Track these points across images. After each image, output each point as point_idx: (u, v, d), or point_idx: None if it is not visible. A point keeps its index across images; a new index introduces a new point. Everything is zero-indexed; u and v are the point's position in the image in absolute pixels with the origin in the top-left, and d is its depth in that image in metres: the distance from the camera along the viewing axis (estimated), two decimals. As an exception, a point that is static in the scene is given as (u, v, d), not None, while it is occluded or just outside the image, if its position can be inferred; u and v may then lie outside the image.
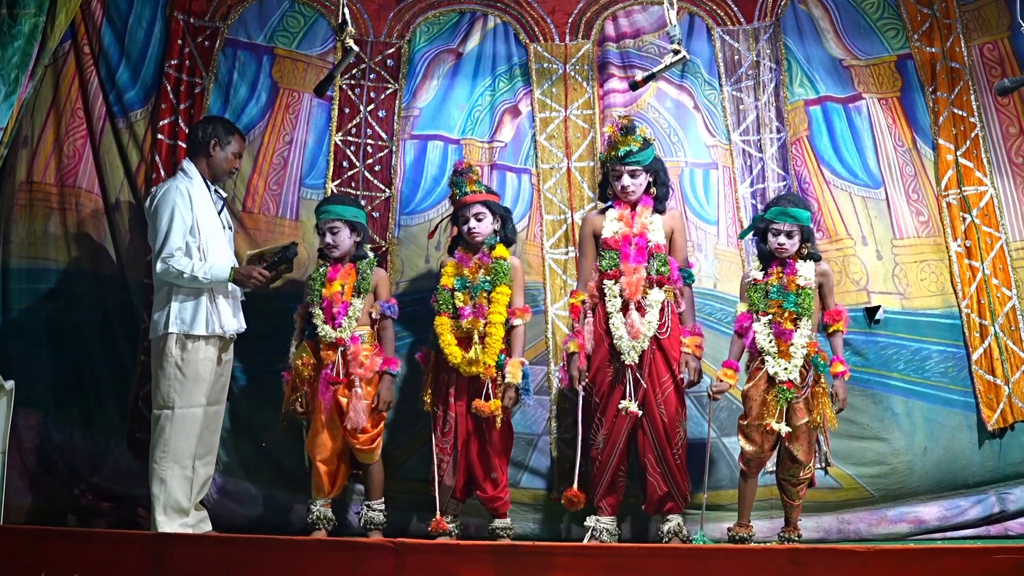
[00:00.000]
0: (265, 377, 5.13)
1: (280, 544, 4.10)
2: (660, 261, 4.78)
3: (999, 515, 5.18)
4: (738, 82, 5.61)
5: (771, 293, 4.69)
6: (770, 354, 4.63)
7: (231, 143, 4.89)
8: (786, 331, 4.63)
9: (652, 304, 4.73)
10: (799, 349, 4.61)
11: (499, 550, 4.24)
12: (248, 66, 5.51)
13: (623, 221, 4.83)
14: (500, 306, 4.80)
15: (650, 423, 4.74)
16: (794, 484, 4.68)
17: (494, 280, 4.83)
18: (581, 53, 5.64)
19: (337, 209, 4.87)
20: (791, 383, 4.59)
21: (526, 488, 5.15)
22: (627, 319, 4.72)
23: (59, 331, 5.29)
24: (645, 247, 4.77)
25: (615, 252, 4.80)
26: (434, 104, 5.58)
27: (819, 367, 4.65)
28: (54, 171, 5.37)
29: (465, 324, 4.80)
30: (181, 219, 4.67)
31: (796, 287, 4.67)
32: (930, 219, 5.41)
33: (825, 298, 4.78)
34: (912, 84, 5.55)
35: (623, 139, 4.81)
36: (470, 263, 4.89)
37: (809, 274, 4.70)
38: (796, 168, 5.46)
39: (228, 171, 4.93)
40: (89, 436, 5.28)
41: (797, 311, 4.64)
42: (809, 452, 4.64)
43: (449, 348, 4.78)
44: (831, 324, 4.76)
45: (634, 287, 4.73)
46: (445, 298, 4.87)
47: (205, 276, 4.63)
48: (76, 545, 4.05)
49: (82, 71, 5.40)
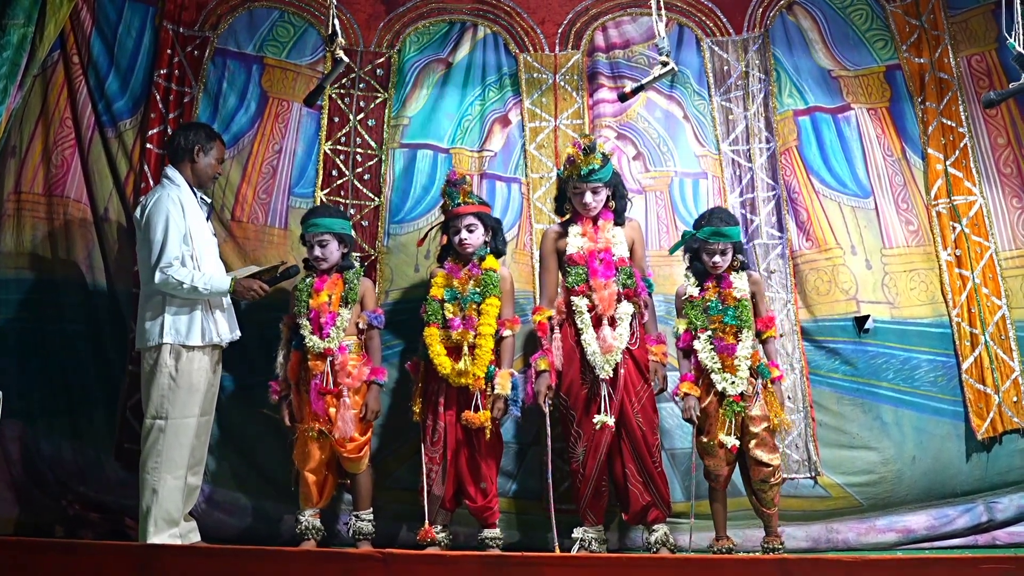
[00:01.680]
0: (252, 387, 5.16)
1: (268, 555, 4.10)
2: (626, 274, 4.83)
3: (987, 524, 5.21)
4: (727, 92, 5.66)
5: (710, 309, 4.75)
6: (715, 371, 4.68)
7: (213, 148, 4.92)
8: (729, 345, 4.69)
9: (623, 317, 4.78)
10: (743, 361, 4.67)
11: (488, 560, 4.24)
12: (237, 75, 5.56)
13: (587, 236, 4.87)
14: (490, 317, 4.85)
15: (628, 434, 4.78)
16: (766, 490, 4.71)
17: (484, 292, 4.89)
18: (571, 63, 5.69)
19: (326, 222, 4.92)
20: (740, 396, 4.66)
21: (516, 498, 5.19)
22: (599, 334, 4.76)
23: (47, 341, 5.29)
24: (611, 262, 4.82)
25: (582, 268, 4.83)
26: (424, 113, 5.63)
27: (764, 374, 4.72)
28: (42, 181, 5.39)
29: (455, 335, 4.85)
30: (176, 228, 4.68)
31: (734, 300, 4.74)
32: (919, 228, 5.45)
33: (757, 305, 4.84)
34: (901, 94, 5.61)
35: (585, 158, 4.82)
36: (460, 274, 4.93)
37: (744, 286, 4.77)
38: (785, 178, 5.51)
39: (212, 176, 4.96)
40: (77, 447, 5.28)
41: (738, 324, 4.71)
42: (774, 451, 4.70)
43: (439, 359, 4.82)
44: (764, 331, 4.81)
45: (607, 302, 4.77)
46: (435, 309, 4.91)
47: (205, 287, 4.66)
48: (64, 556, 4.02)
49: (71, 81, 5.42)
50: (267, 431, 5.14)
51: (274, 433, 5.09)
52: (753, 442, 4.67)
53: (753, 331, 4.76)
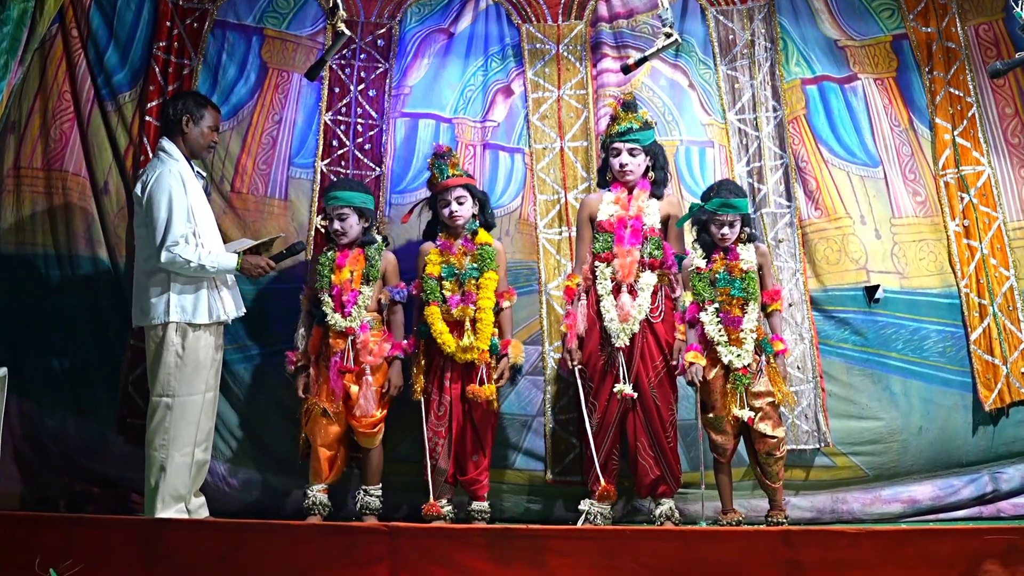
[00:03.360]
0: (261, 360, 5.26)
1: (274, 529, 4.14)
2: (654, 244, 4.87)
3: (992, 494, 5.29)
4: (733, 61, 5.69)
5: (718, 281, 4.81)
6: (721, 343, 4.75)
7: (204, 117, 4.87)
8: (735, 318, 4.75)
9: (644, 287, 4.82)
10: (749, 334, 4.74)
11: (493, 533, 4.26)
12: (237, 47, 5.59)
13: (619, 204, 4.91)
14: (489, 291, 4.93)
15: (643, 407, 4.84)
16: (771, 463, 4.80)
17: (481, 266, 4.95)
18: (574, 33, 5.72)
19: (346, 195, 4.95)
20: (746, 368, 4.73)
21: (521, 469, 5.26)
22: (618, 301, 4.82)
23: (48, 317, 5.34)
24: (640, 229, 4.85)
25: (609, 235, 4.89)
26: (425, 83, 5.66)
27: (767, 349, 4.78)
28: (41, 155, 5.42)
29: (456, 312, 4.92)
30: (180, 205, 4.68)
31: (741, 272, 4.80)
32: (927, 199, 5.50)
33: (764, 278, 4.89)
34: (908, 64, 5.63)
35: (624, 115, 4.91)
36: (454, 249, 4.99)
37: (751, 258, 4.82)
38: (793, 146, 5.54)
39: (206, 146, 4.91)
40: (81, 422, 5.34)
41: (744, 297, 4.77)
42: (779, 425, 4.78)
43: (442, 337, 4.89)
44: (770, 304, 4.87)
45: (627, 269, 4.82)
46: (432, 287, 4.96)
47: (212, 266, 4.67)
48: (71, 531, 4.06)
49: (70, 54, 5.45)
50: (276, 405, 5.22)
51: (282, 407, 5.17)
52: (757, 416, 4.74)
53: (759, 304, 4.82)
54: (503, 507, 5.26)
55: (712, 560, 3.90)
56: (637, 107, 4.98)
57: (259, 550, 3.97)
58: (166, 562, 3.94)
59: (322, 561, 3.94)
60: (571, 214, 5.42)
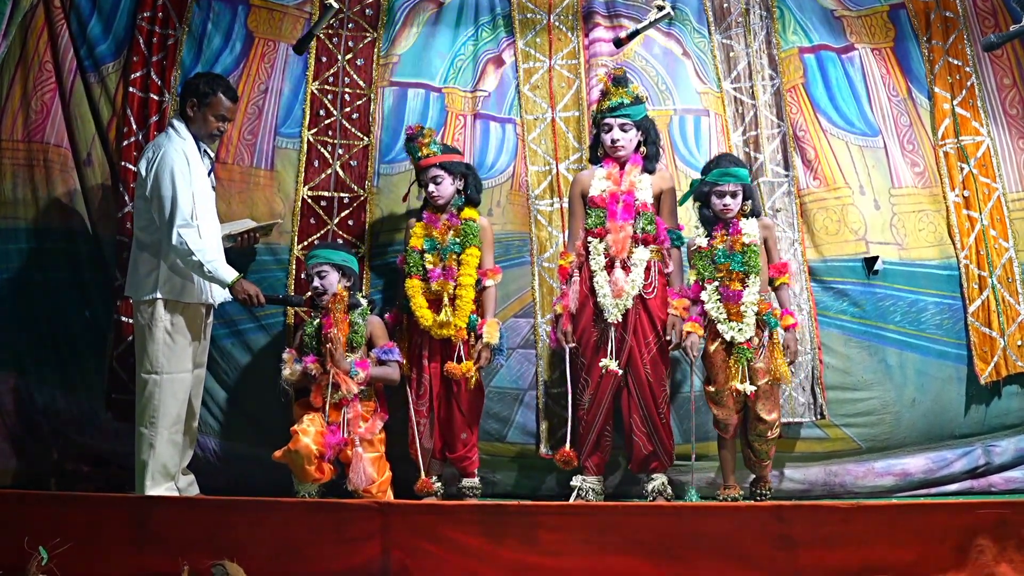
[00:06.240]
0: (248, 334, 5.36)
1: (266, 506, 4.22)
2: (646, 219, 4.96)
3: (984, 468, 5.41)
4: (728, 30, 5.76)
5: (717, 258, 4.91)
6: (721, 321, 4.87)
7: (209, 105, 4.90)
8: (735, 292, 4.86)
9: (637, 263, 4.92)
10: (750, 307, 4.84)
11: (485, 510, 4.40)
12: (223, 16, 5.65)
13: (611, 179, 5.00)
14: (470, 268, 5.03)
15: (635, 382, 4.95)
16: (761, 444, 4.94)
17: (463, 242, 5.05)
18: (566, 3, 5.79)
19: (324, 253, 5.02)
20: (749, 342, 4.85)
21: (513, 443, 5.36)
22: (611, 277, 4.91)
23: (32, 291, 5.41)
24: (633, 204, 4.94)
25: (602, 210, 4.98)
26: (414, 51, 5.73)
27: (771, 324, 4.89)
28: (21, 127, 5.49)
29: (435, 286, 5.02)
30: (185, 184, 4.74)
31: (742, 246, 4.89)
32: (926, 169, 5.58)
33: (770, 252, 4.99)
34: (906, 33, 5.72)
35: (614, 90, 4.98)
36: (439, 224, 5.09)
37: (753, 231, 4.92)
38: (791, 115, 5.62)
39: (209, 133, 4.96)
40: (71, 397, 5.43)
41: (744, 270, 4.86)
42: (774, 409, 4.90)
43: (421, 311, 4.99)
44: (777, 277, 4.98)
45: (620, 244, 4.91)
46: (415, 260, 5.07)
47: (208, 270, 4.72)
48: (60, 509, 4.17)
49: (52, 25, 5.51)
50: (264, 380, 5.26)
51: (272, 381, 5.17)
52: (756, 395, 4.85)
53: (765, 277, 4.91)
54: (495, 480, 5.38)
55: (704, 535, 4.02)
56: (628, 82, 5.05)
57: (250, 527, 4.07)
58: (157, 540, 4.04)
59: (313, 538, 4.04)
60: (563, 185, 5.49)
